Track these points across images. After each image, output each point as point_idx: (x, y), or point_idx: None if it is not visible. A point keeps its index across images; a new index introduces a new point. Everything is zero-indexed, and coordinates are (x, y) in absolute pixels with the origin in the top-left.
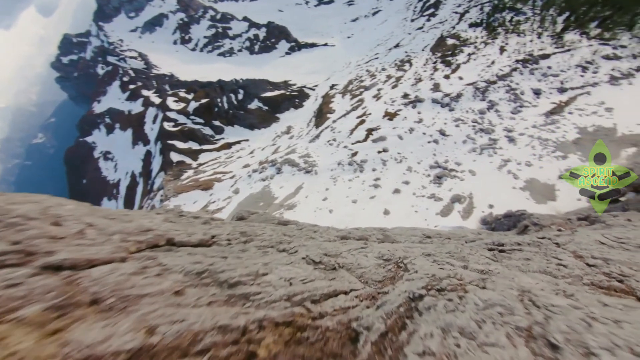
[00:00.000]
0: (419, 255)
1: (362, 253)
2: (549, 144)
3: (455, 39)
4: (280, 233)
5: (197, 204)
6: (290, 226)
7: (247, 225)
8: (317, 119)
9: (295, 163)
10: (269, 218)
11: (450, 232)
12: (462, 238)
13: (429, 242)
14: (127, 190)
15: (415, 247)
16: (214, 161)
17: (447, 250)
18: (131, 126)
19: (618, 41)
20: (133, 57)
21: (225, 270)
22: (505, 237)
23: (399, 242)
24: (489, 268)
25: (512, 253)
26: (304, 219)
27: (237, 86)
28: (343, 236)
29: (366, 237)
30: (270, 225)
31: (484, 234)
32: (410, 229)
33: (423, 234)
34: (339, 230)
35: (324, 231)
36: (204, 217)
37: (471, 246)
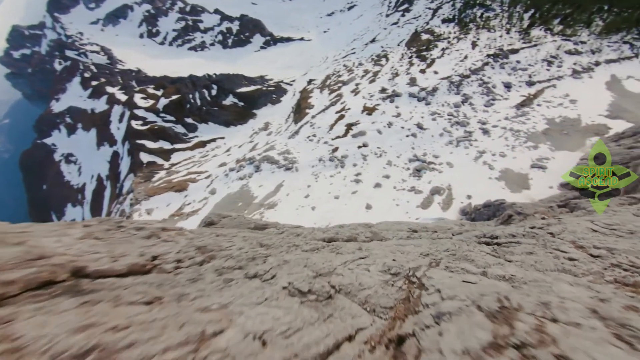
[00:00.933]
0: (418, 256)
1: (362, 266)
2: (521, 135)
3: (429, 34)
4: (255, 243)
5: (170, 207)
6: (269, 230)
7: (212, 235)
8: (296, 114)
9: (274, 160)
10: (244, 222)
11: (436, 225)
12: (449, 230)
13: (417, 236)
14: (94, 195)
15: (407, 245)
16: (187, 161)
17: (445, 248)
18: (95, 126)
19: (578, 37)
20: (95, 52)
21: (134, 342)
22: (497, 229)
23: (388, 239)
24: (508, 272)
25: (511, 246)
26: (286, 217)
27: (210, 81)
28: (330, 238)
29: (355, 237)
30: (243, 233)
31: (467, 224)
32: (395, 223)
33: (409, 228)
34: (325, 230)
35: (308, 234)
36: (151, 228)
37: (461, 239)
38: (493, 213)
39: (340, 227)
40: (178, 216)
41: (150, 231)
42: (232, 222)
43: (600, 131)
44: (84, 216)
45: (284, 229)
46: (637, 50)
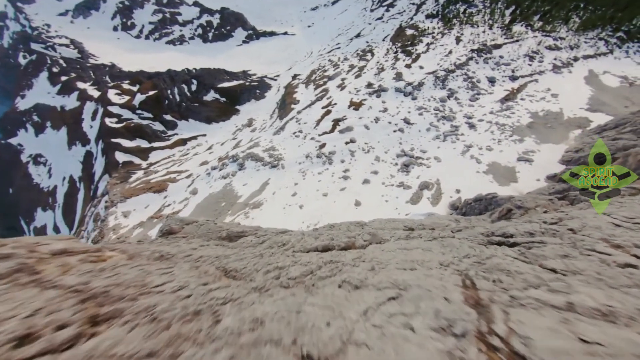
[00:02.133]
0: (439, 268)
1: (398, 318)
2: (506, 128)
3: (414, 30)
4: (214, 271)
5: (149, 209)
6: (245, 240)
7: (140, 265)
8: (281, 110)
9: (259, 157)
10: (213, 229)
11: (432, 222)
12: (447, 227)
13: (416, 235)
14: (66, 198)
15: (413, 248)
16: (167, 160)
17: (464, 254)
18: (65, 124)
19: (557, 33)
20: (64, 45)
21: None
22: (508, 225)
23: (387, 240)
24: (597, 300)
25: (534, 247)
26: (272, 217)
27: (189, 76)
28: (325, 247)
29: (352, 243)
30: (206, 249)
31: (462, 220)
32: (388, 220)
33: (405, 226)
34: (317, 235)
35: (296, 242)
36: (17, 257)
37: (466, 237)
38: (485, 207)
39: (332, 228)
40: (157, 218)
41: (13, 265)
42: (198, 229)
43: (582, 124)
44: (56, 221)
45: (265, 237)
46: (611, 47)
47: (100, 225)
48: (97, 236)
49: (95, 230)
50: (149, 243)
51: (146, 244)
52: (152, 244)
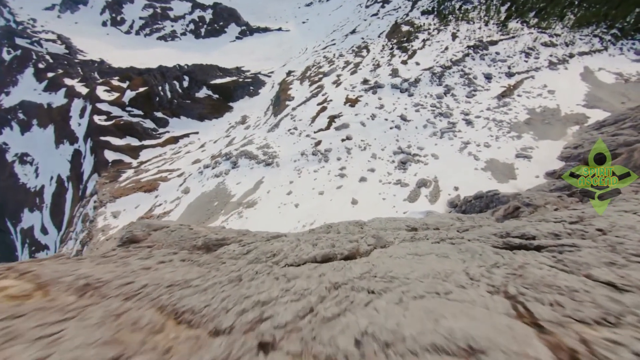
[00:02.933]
0: (466, 280)
1: None
2: (504, 125)
3: (409, 26)
4: (149, 317)
5: (139, 209)
6: (227, 250)
7: (48, 290)
8: (275, 107)
9: (253, 155)
10: (187, 236)
11: (436, 221)
12: (451, 227)
13: (422, 236)
14: (54, 198)
15: (425, 254)
16: (158, 158)
17: (493, 262)
18: (53, 122)
19: (553, 30)
20: (50, 40)
21: None
22: (526, 225)
23: (391, 243)
24: None
25: (565, 251)
26: (267, 216)
27: (181, 72)
28: (325, 256)
29: (357, 249)
30: (153, 273)
31: (464, 218)
32: (389, 220)
33: (407, 226)
34: (315, 241)
35: (290, 251)
36: None
37: (477, 238)
38: (486, 204)
39: (329, 228)
40: (147, 219)
41: None
42: (168, 237)
43: (580, 120)
44: (44, 222)
45: (252, 245)
46: (605, 44)
47: (88, 226)
48: (86, 237)
49: (83, 232)
50: (91, 259)
51: (73, 264)
52: (86, 262)
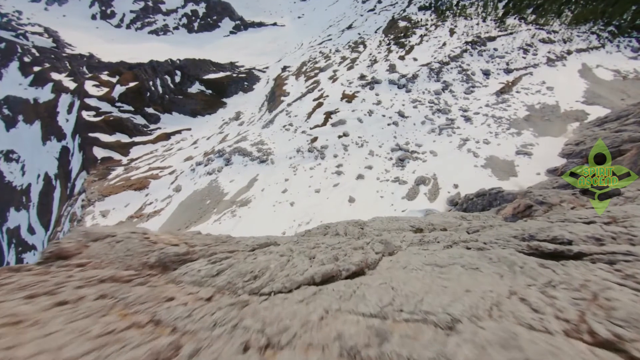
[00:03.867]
0: (529, 314)
1: None
2: (503, 121)
3: (406, 22)
4: None
5: (129, 207)
6: (190, 270)
7: None
8: (270, 102)
9: (247, 152)
10: (137, 249)
11: (443, 221)
12: (460, 228)
13: (432, 239)
14: (41, 197)
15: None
16: (149, 155)
17: (547, 280)
18: (39, 118)
19: (551, 27)
20: (37, 33)
21: None
22: (552, 227)
23: (399, 247)
24: None
25: (620, 262)
26: (261, 215)
27: (173, 67)
28: (326, 275)
29: (365, 261)
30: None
31: (469, 217)
32: (391, 219)
33: (411, 226)
34: (312, 251)
35: (279, 269)
36: None
37: (494, 241)
38: (489, 202)
39: (327, 229)
40: (137, 218)
41: None
42: (112, 250)
43: (580, 117)
44: (31, 222)
45: (225, 263)
46: (603, 41)
47: (76, 225)
48: None
49: (71, 231)
50: None
51: None
52: None
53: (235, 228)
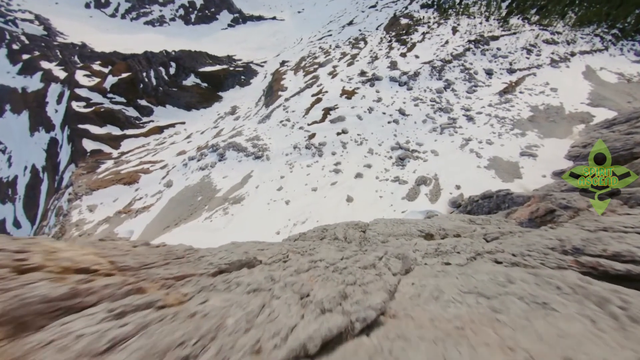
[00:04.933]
0: None
1: None
2: (506, 122)
3: (408, 19)
4: None
5: (118, 202)
6: None
7: None
8: (267, 97)
9: (242, 147)
10: None
11: (455, 225)
12: (474, 233)
13: (449, 249)
14: (28, 189)
15: (508, 306)
16: (140, 149)
17: None
18: (27, 107)
19: (554, 27)
20: (27, 20)
21: None
22: (602, 238)
23: (416, 262)
24: None
25: None
26: (255, 214)
27: (168, 58)
28: (328, 338)
29: (387, 301)
30: None
31: (480, 221)
32: (395, 222)
33: (419, 231)
34: (303, 289)
35: (240, 333)
36: None
37: (529, 253)
38: (496, 205)
39: (324, 232)
40: (126, 213)
41: None
42: None
43: (585, 119)
44: (17, 215)
45: (140, 316)
46: (606, 44)
47: (61, 220)
48: (58, 233)
49: (56, 226)
50: None
51: None
52: None
53: (227, 226)
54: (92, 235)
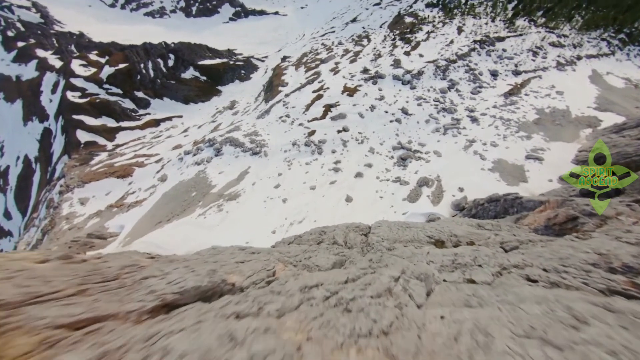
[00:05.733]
0: None
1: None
2: (512, 124)
3: (413, 17)
4: None
5: (110, 196)
6: None
7: None
8: (267, 92)
9: (239, 142)
10: None
11: (468, 232)
12: (490, 241)
13: (471, 261)
14: (20, 180)
15: None
16: (136, 142)
17: None
18: (21, 96)
19: (561, 30)
20: (24, 7)
21: None
22: None
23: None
24: None
25: None
26: (251, 212)
27: (167, 50)
28: None
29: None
30: None
31: (491, 227)
32: (400, 226)
33: (428, 236)
34: (291, 343)
35: None
36: None
37: (583, 277)
38: (504, 209)
39: (321, 236)
40: (117, 207)
41: None
42: None
43: (592, 123)
44: (7, 206)
45: None
46: (613, 48)
47: (52, 212)
48: (48, 225)
49: (46, 218)
50: None
51: None
52: None
53: (222, 224)
54: (81, 229)
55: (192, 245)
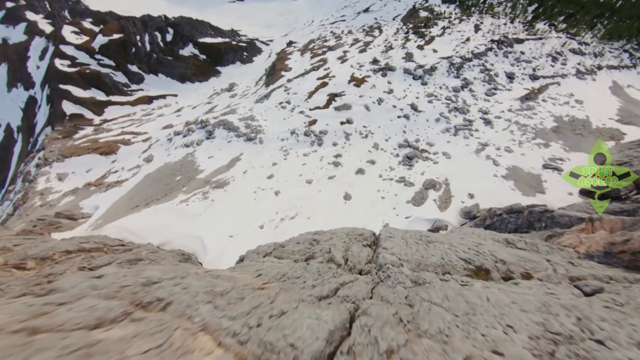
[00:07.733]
0: None
1: None
2: (528, 130)
3: (428, 12)
4: None
5: (91, 173)
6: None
7: None
8: (269, 77)
9: (233, 126)
10: None
11: (518, 257)
12: (551, 276)
13: (585, 337)
14: (0, 150)
15: None
16: (125, 118)
17: None
18: (7, 60)
19: (582, 38)
20: None
21: None
22: None
23: None
24: None
25: None
26: (239, 202)
27: (166, 24)
28: None
29: None
30: None
31: (526, 246)
32: (418, 238)
33: (464, 259)
34: None
35: None
36: None
37: None
38: (528, 223)
39: (312, 246)
40: (96, 186)
41: None
42: None
43: (615, 135)
44: None
45: None
46: (635, 61)
47: (26, 186)
48: (20, 200)
49: (20, 192)
50: None
51: None
52: None
53: (205, 213)
54: (54, 207)
55: (169, 234)
